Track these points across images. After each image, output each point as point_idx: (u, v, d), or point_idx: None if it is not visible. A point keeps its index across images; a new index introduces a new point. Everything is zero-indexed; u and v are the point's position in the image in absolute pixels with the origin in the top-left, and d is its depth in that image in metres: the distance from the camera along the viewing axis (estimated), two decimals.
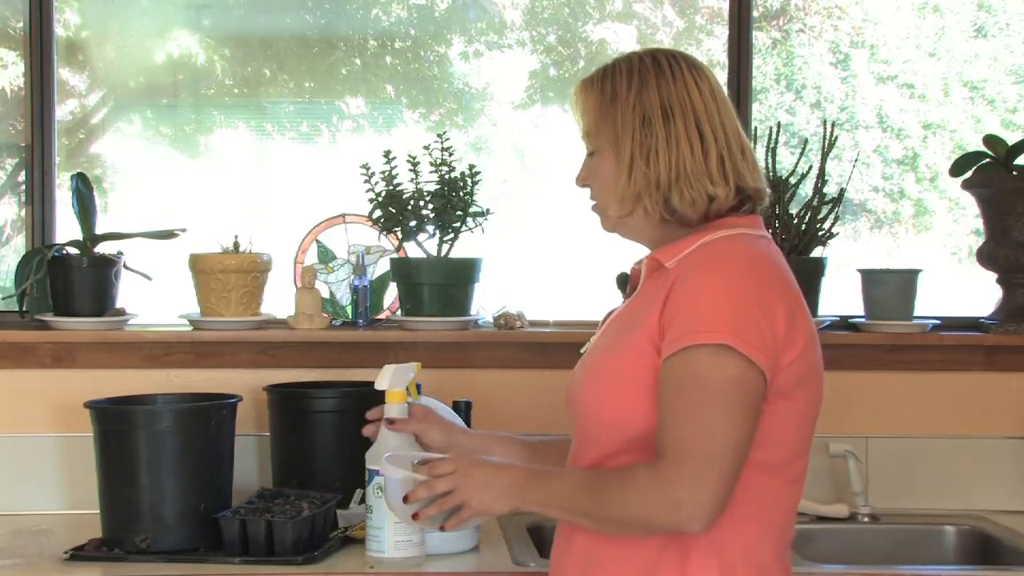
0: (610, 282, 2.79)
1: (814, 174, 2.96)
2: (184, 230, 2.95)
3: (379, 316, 3.09)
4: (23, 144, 3.16)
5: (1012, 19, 3.51)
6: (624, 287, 2.57)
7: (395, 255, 3.04)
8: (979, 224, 3.14)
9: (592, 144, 1.80)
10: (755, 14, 3.26)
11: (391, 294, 3.09)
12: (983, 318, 3.06)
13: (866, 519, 2.86)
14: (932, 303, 3.10)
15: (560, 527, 1.83)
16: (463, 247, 2.93)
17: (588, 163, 1.82)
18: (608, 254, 2.34)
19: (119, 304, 2.91)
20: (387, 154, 2.90)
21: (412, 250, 2.95)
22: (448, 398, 2.64)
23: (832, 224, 2.95)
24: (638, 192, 1.73)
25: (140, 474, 2.42)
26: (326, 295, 3.07)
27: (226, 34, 3.42)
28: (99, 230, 2.92)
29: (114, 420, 2.47)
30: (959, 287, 3.47)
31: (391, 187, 2.89)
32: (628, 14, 3.49)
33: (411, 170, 2.89)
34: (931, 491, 2.98)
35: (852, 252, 3.35)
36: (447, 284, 2.90)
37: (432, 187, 2.89)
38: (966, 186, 3.06)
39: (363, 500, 2.31)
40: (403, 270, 2.95)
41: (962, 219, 3.55)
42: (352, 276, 3.07)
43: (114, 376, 2.86)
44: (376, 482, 2.14)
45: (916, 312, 3.01)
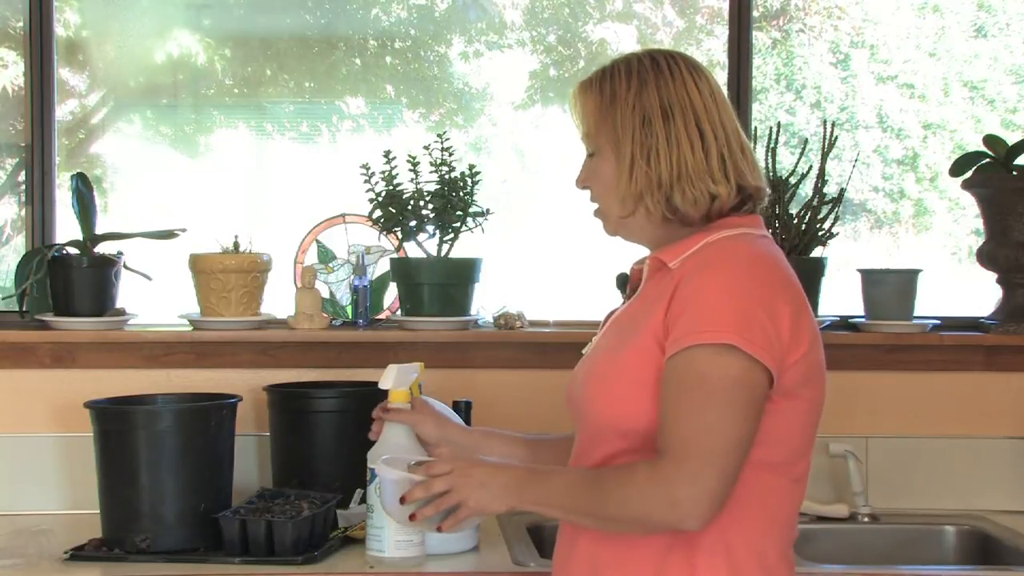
0: (610, 282, 2.78)
1: (814, 174, 2.96)
2: (184, 230, 2.95)
3: (379, 316, 3.08)
4: (23, 144, 3.16)
5: (1012, 19, 3.51)
6: (624, 287, 2.56)
7: (395, 255, 3.04)
8: (979, 224, 3.14)
9: (592, 145, 1.80)
10: (755, 14, 3.25)
11: (391, 294, 3.09)
12: (983, 318, 3.05)
13: (866, 519, 2.86)
14: (932, 303, 3.10)
15: (562, 529, 1.83)
16: (463, 247, 2.93)
17: (588, 164, 1.82)
18: (608, 254, 2.33)
19: (119, 304, 2.91)
20: (387, 154, 2.90)
21: (412, 250, 2.95)
22: (448, 398, 2.63)
23: (832, 224, 2.95)
24: (640, 192, 1.73)
25: (140, 474, 2.42)
26: (326, 295, 3.07)
27: (226, 34, 3.42)
28: (99, 230, 2.92)
29: (114, 420, 2.47)
30: (959, 287, 3.47)
31: (391, 187, 2.89)
32: (628, 14, 3.49)
33: (411, 170, 2.89)
34: (931, 491, 2.98)
35: (852, 252, 3.35)
36: (447, 284, 2.90)
37: (432, 187, 2.89)
38: (966, 186, 3.06)
39: (363, 500, 2.31)
40: (403, 270, 2.95)
41: (962, 219, 3.55)
42: (352, 276, 3.07)
43: (114, 376, 2.87)
44: (377, 482, 2.14)
45: (916, 312, 3.00)
